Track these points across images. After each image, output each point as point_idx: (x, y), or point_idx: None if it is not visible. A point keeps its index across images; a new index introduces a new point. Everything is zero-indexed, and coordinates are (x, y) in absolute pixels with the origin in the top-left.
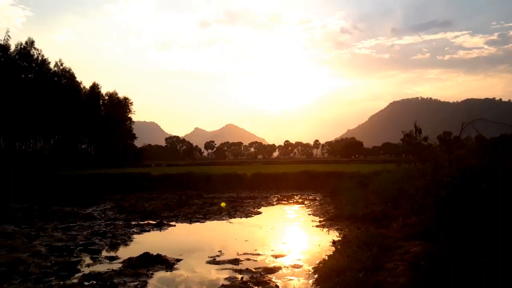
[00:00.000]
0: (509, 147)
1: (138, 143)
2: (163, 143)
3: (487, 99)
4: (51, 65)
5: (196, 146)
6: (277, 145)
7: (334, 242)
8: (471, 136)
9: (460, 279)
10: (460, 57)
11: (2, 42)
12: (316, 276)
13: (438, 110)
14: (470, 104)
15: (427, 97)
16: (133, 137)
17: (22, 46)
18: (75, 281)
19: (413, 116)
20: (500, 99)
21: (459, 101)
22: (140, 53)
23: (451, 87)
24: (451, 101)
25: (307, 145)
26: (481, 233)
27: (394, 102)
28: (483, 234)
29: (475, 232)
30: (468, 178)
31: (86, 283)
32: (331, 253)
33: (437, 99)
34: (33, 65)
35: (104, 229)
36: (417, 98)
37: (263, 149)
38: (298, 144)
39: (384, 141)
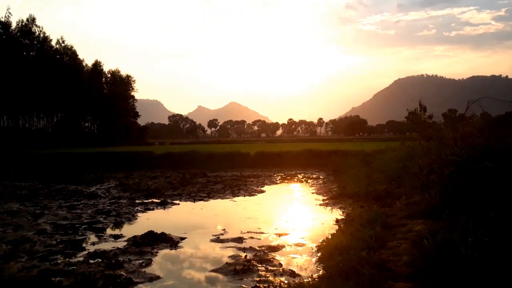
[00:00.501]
0: None
1: (141, 121)
2: (166, 121)
3: (493, 76)
4: (53, 43)
5: (199, 124)
6: (280, 123)
7: (337, 221)
8: (476, 114)
9: (463, 258)
10: (466, 34)
11: (3, 19)
12: (319, 254)
13: (443, 87)
14: (476, 81)
15: (433, 74)
16: (136, 115)
17: (24, 23)
18: (80, 259)
19: (418, 93)
20: (507, 76)
21: (465, 78)
22: (143, 30)
23: (457, 64)
24: (456, 78)
25: (311, 123)
26: (485, 212)
27: (399, 79)
28: (487, 213)
29: (479, 211)
30: (473, 157)
31: (91, 261)
32: (334, 232)
33: (442, 76)
34: (35, 42)
35: (108, 207)
36: (422, 75)
37: (266, 127)
38: (302, 122)
39: (389, 119)
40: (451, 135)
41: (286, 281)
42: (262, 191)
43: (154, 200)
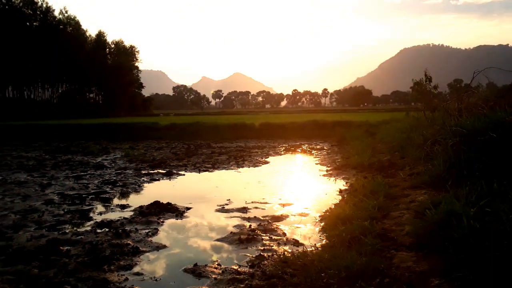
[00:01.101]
0: None
1: (146, 92)
2: (171, 92)
3: (500, 46)
4: (56, 13)
5: (204, 95)
6: (285, 94)
7: (341, 191)
8: (482, 84)
9: (465, 229)
10: (474, 2)
11: None
12: (322, 224)
13: (449, 57)
14: (482, 51)
15: (439, 44)
16: (141, 86)
17: None
18: (88, 228)
19: (424, 63)
20: None
21: (472, 47)
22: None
23: (463, 33)
24: (463, 47)
25: (316, 94)
26: (488, 183)
27: (404, 49)
28: (490, 184)
29: (482, 182)
30: (477, 128)
31: (98, 231)
32: (338, 202)
33: (449, 46)
34: (38, 13)
35: (114, 178)
36: (428, 45)
37: (271, 98)
38: (306, 93)
39: (394, 89)
40: (456, 106)
41: (290, 250)
42: (267, 162)
43: (160, 170)
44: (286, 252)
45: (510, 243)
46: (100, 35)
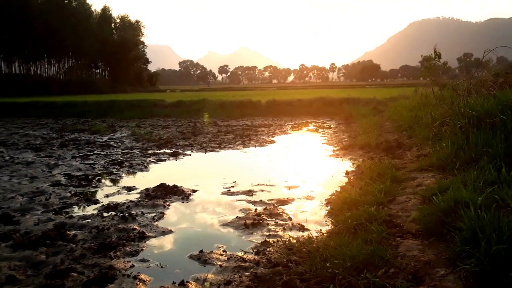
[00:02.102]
0: None
1: (152, 67)
2: (177, 67)
3: None
4: None
5: (210, 70)
6: (292, 69)
7: (347, 173)
8: (492, 59)
9: (472, 218)
10: None
11: None
12: (328, 208)
13: (459, 30)
14: (493, 24)
15: (449, 17)
16: (147, 61)
17: None
18: (94, 212)
19: (433, 37)
20: None
21: (482, 20)
22: None
23: (474, 5)
24: (473, 20)
25: (323, 68)
26: (497, 168)
27: (413, 22)
28: (499, 169)
29: (490, 167)
30: (486, 110)
31: (105, 214)
32: (344, 185)
33: (459, 19)
34: None
35: (121, 158)
36: (438, 18)
37: (278, 73)
38: (314, 68)
39: (403, 64)
40: (465, 85)
41: (295, 236)
42: (273, 142)
43: (166, 150)
44: (291, 238)
45: None
46: (105, 10)
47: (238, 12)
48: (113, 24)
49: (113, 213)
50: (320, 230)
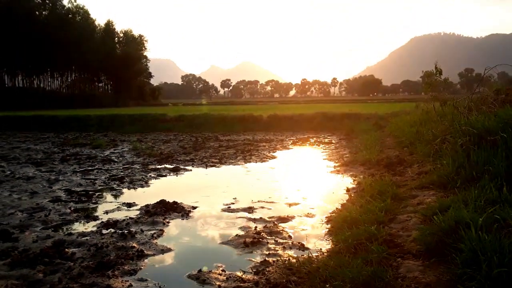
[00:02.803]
0: None
1: (154, 81)
2: (179, 81)
3: None
4: (65, 2)
5: (212, 84)
6: (294, 83)
7: (348, 190)
8: (493, 74)
9: (473, 239)
10: None
11: None
12: (328, 226)
13: (461, 45)
14: (494, 39)
15: (450, 32)
16: (149, 75)
17: None
18: (93, 229)
19: (435, 52)
20: None
21: (483, 36)
22: None
23: (475, 21)
24: (474, 36)
25: (325, 83)
26: (498, 186)
27: (415, 37)
28: (500, 188)
29: (491, 185)
30: (487, 128)
31: (104, 231)
32: (345, 202)
33: (460, 34)
34: (47, 1)
35: (122, 173)
36: (439, 33)
37: (279, 87)
38: (315, 82)
39: (404, 79)
40: (466, 103)
41: (295, 255)
42: (274, 157)
43: (167, 166)
44: (291, 258)
45: None
46: (109, 25)
47: (242, 27)
48: (116, 38)
49: (112, 230)
50: (320, 249)
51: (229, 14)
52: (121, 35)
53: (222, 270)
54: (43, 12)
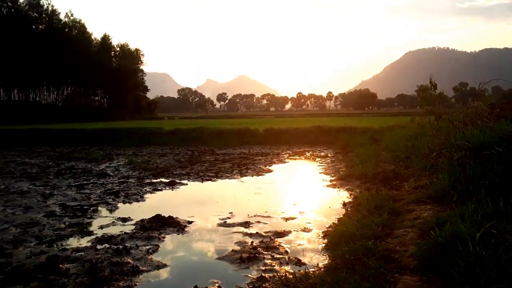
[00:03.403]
0: None
1: (151, 95)
2: (175, 95)
3: (506, 49)
4: (61, 16)
5: (209, 98)
6: (289, 97)
7: (344, 204)
8: (487, 88)
9: (471, 255)
10: (479, 5)
11: None
12: (325, 241)
13: (455, 60)
14: (488, 54)
15: (444, 47)
16: (146, 89)
17: None
18: (88, 244)
19: (429, 66)
20: None
21: (477, 50)
22: (152, 1)
23: (469, 36)
24: (468, 50)
25: (320, 97)
26: (494, 201)
27: (409, 52)
28: (497, 202)
29: (488, 200)
30: (483, 142)
31: (99, 247)
32: (341, 217)
33: (454, 49)
34: (43, 15)
35: (117, 187)
36: (433, 48)
37: (275, 101)
38: (311, 96)
39: (399, 92)
40: (461, 117)
41: (291, 271)
42: (270, 171)
43: (163, 180)
44: (288, 274)
45: None
46: (105, 38)
47: (238, 41)
48: (112, 52)
49: (107, 246)
50: (317, 264)
51: (226, 28)
52: (118, 48)
53: (218, 287)
54: (40, 26)
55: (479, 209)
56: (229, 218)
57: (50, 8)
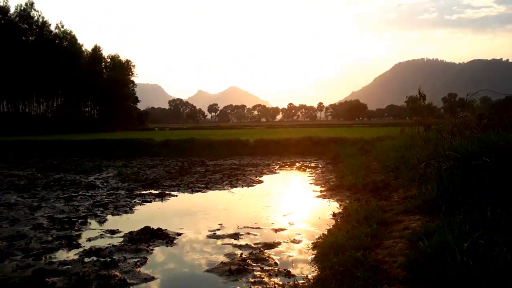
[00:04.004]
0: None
1: (142, 106)
2: (166, 106)
3: (494, 60)
4: (52, 27)
5: (200, 109)
6: (280, 108)
7: (334, 215)
8: (476, 99)
9: (459, 265)
10: (468, 17)
11: (1, 4)
12: (315, 252)
13: (443, 71)
14: (476, 65)
15: (433, 58)
16: (136, 100)
17: (22, 8)
18: (75, 257)
19: (418, 77)
20: (508, 59)
21: (466, 62)
22: (143, 13)
23: (457, 47)
24: (457, 62)
25: (311, 108)
26: (482, 211)
27: (399, 63)
28: (484, 212)
29: (476, 210)
30: (471, 152)
31: (86, 260)
32: (331, 227)
33: (443, 60)
34: (34, 27)
35: (106, 199)
36: (422, 59)
37: (266, 112)
38: (302, 107)
39: (389, 103)
40: (449, 128)
41: (281, 283)
42: (260, 182)
43: (152, 191)
44: (277, 286)
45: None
46: (96, 50)
47: (230, 53)
48: (103, 63)
49: (95, 259)
50: (307, 276)
51: (217, 39)
52: (108, 60)
53: None
54: (30, 38)
55: (467, 219)
56: (219, 229)
57: (40, 20)
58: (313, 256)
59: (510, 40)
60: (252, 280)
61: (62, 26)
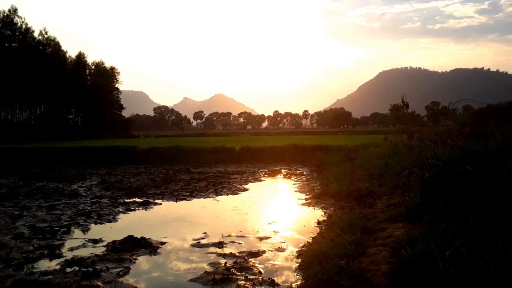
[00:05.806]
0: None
1: (126, 113)
2: (152, 113)
3: (475, 69)
4: (36, 34)
5: (185, 116)
6: (266, 115)
7: (319, 223)
8: (458, 107)
9: (441, 273)
10: (450, 26)
11: None
12: (299, 260)
13: (427, 79)
14: (459, 74)
15: (417, 67)
16: (121, 107)
17: (5, 14)
18: (57, 267)
19: (402, 85)
20: (489, 68)
21: (448, 70)
22: (128, 21)
23: (440, 56)
24: (440, 70)
25: (296, 115)
26: (464, 218)
27: (383, 71)
28: (466, 220)
29: (458, 217)
30: (452, 160)
31: (68, 270)
32: (315, 235)
33: (426, 69)
34: (17, 33)
35: (89, 208)
36: (406, 67)
37: (252, 119)
38: (287, 114)
39: (373, 111)
40: (432, 136)
41: None
42: (246, 189)
43: (136, 199)
44: None
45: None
46: (80, 57)
47: (215, 60)
48: (88, 70)
49: (77, 268)
50: (291, 284)
51: (202, 47)
52: (93, 67)
53: None
54: (13, 44)
55: (449, 226)
56: (203, 238)
57: (24, 26)
58: (298, 264)
59: (491, 50)
60: None
61: (46, 33)
